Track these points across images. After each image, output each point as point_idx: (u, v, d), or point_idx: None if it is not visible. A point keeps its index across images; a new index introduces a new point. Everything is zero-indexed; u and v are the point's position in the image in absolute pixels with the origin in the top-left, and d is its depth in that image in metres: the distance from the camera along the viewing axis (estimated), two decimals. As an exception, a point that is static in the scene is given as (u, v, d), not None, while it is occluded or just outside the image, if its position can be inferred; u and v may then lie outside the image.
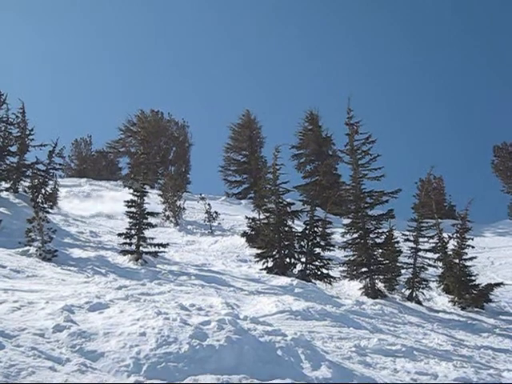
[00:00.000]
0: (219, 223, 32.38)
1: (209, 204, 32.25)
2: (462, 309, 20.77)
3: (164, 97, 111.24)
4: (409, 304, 20.58)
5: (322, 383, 8.52)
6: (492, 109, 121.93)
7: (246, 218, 28.29)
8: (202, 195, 34.85)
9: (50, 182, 27.97)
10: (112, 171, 58.62)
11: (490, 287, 21.60)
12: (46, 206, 20.50)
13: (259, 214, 27.72)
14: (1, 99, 26.47)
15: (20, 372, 6.91)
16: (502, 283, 22.24)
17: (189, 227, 31.74)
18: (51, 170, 27.82)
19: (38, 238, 16.92)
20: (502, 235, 40.50)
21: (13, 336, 7.93)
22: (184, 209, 33.55)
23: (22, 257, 16.30)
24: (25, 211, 22.79)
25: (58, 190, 28.90)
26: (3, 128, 26.69)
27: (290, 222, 22.36)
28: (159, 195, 33.62)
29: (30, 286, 12.39)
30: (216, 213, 32.38)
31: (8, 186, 26.67)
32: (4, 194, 25.52)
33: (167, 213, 32.13)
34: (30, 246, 16.96)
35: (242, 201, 47.15)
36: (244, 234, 27.20)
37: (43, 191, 26.40)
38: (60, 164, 30.08)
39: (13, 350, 7.47)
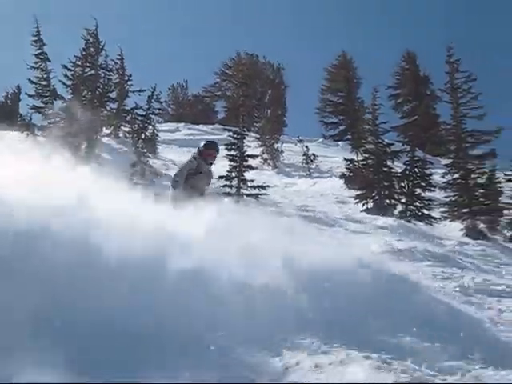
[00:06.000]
0: (317, 165, 32.21)
1: (306, 146, 32.12)
2: None
3: (259, 40, 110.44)
4: (511, 245, 20.18)
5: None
6: None
7: (345, 159, 28.09)
8: (300, 138, 34.66)
9: (150, 127, 28.33)
10: (208, 115, 58.94)
11: None
12: (146, 150, 20.73)
13: (357, 156, 27.48)
14: (99, 46, 26.81)
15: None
16: None
17: (287, 170, 31.75)
18: (150, 115, 28.15)
19: (140, 182, 17.23)
20: None
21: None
22: (282, 152, 33.49)
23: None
24: (126, 156, 23.22)
25: (157, 135, 29.22)
26: (103, 75, 27.11)
27: (389, 163, 22.13)
28: (256, 138, 33.65)
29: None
30: (314, 155, 32.21)
31: (109, 131, 27.23)
32: (106, 140, 26.04)
33: (265, 156, 32.13)
34: (133, 190, 17.30)
35: (340, 142, 46.50)
36: (342, 176, 27.06)
37: (143, 136, 26.80)
38: (158, 109, 30.42)
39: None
